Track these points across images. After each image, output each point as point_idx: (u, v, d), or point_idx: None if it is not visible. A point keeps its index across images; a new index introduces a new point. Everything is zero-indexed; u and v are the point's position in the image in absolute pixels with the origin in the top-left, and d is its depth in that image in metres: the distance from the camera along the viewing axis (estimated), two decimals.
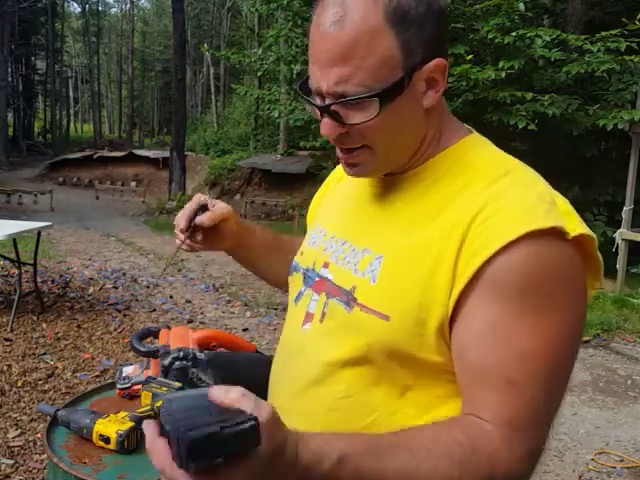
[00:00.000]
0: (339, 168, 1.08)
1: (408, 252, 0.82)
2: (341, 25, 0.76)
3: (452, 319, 0.79)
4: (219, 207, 1.08)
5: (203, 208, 1.08)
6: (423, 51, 0.79)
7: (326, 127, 0.83)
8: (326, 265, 0.94)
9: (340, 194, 1.05)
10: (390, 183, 0.91)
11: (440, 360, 0.81)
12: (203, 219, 1.06)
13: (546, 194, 0.81)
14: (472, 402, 0.77)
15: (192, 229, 1.07)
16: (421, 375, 0.83)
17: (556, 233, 0.76)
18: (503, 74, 7.28)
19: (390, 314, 0.81)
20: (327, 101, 0.81)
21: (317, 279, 0.95)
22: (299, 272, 1.01)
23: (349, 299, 0.86)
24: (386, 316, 0.81)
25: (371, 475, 0.69)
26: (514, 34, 7.35)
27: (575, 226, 0.79)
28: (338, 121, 0.81)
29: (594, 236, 0.81)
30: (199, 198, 1.08)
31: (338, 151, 0.88)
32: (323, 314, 0.91)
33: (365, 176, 0.91)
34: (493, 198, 0.79)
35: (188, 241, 1.07)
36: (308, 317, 0.94)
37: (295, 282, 1.02)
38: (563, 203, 0.82)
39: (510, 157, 0.89)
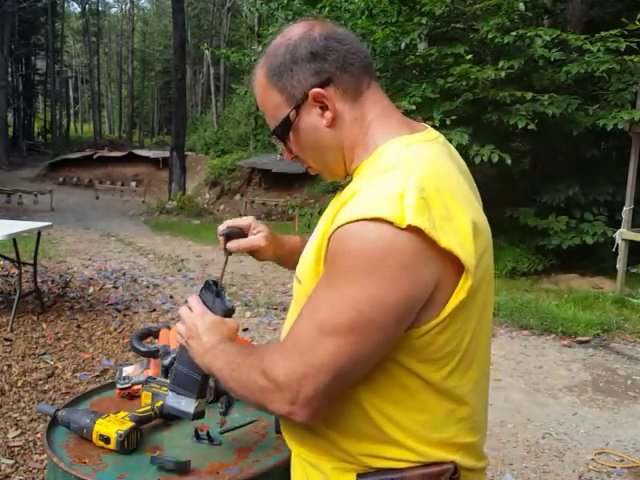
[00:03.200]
0: None
1: (317, 237, 1.01)
2: (255, 88, 1.09)
3: None
4: (251, 240, 1.38)
5: (242, 231, 1.38)
6: (301, 88, 1.02)
7: (285, 154, 1.13)
8: None
9: None
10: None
11: None
12: (232, 246, 1.38)
13: (398, 190, 0.89)
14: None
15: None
16: None
17: (383, 221, 0.86)
18: (503, 74, 7.28)
19: (302, 279, 1.04)
20: None
21: None
22: None
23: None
24: (300, 280, 1.05)
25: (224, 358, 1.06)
26: (514, 34, 7.34)
27: (407, 217, 0.86)
28: (287, 149, 1.11)
29: (427, 227, 0.86)
30: (243, 222, 1.40)
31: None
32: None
33: (328, 181, 1.19)
34: (358, 190, 0.95)
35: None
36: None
37: None
38: (415, 199, 0.88)
39: (412, 159, 0.96)
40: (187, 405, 1.21)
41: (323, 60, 1.03)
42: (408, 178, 0.91)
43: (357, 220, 0.88)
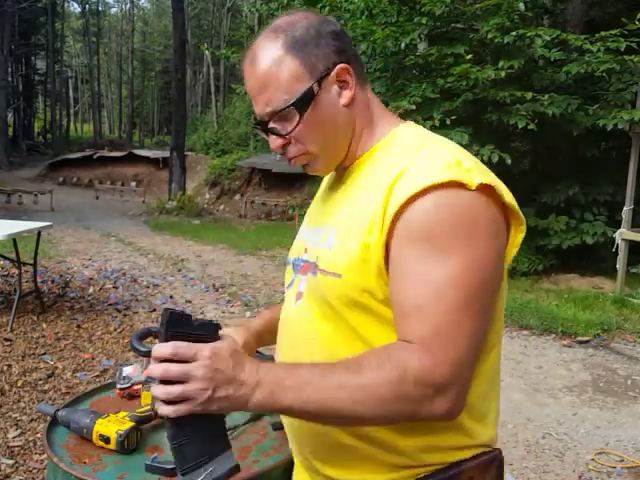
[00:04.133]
0: None
1: (351, 222, 0.98)
2: (254, 64, 1.00)
3: (386, 267, 0.94)
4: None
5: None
6: (324, 63, 1.00)
7: (273, 142, 1.04)
8: (306, 250, 1.11)
9: (319, 191, 1.25)
10: (343, 173, 1.10)
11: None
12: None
13: (452, 158, 0.93)
14: (398, 329, 0.92)
15: None
16: (381, 321, 0.96)
17: (455, 185, 0.89)
18: (503, 74, 7.28)
19: (342, 272, 0.96)
20: (267, 124, 1.03)
21: (302, 264, 1.11)
22: (289, 264, 1.18)
23: (314, 268, 1.03)
24: (339, 275, 0.97)
25: (308, 382, 0.86)
26: (514, 34, 7.34)
27: (474, 178, 0.89)
28: (278, 135, 1.03)
29: (495, 184, 0.91)
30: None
31: (286, 161, 1.08)
32: (307, 289, 1.06)
33: (318, 173, 1.11)
34: (409, 165, 0.94)
35: None
36: (298, 295, 1.09)
37: (288, 274, 1.18)
38: (471, 163, 0.93)
39: (437, 137, 1.03)
40: (224, 464, 0.87)
41: (342, 41, 1.04)
42: (453, 150, 0.97)
43: (426, 190, 0.88)
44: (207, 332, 0.86)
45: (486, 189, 0.90)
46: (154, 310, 5.95)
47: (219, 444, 0.87)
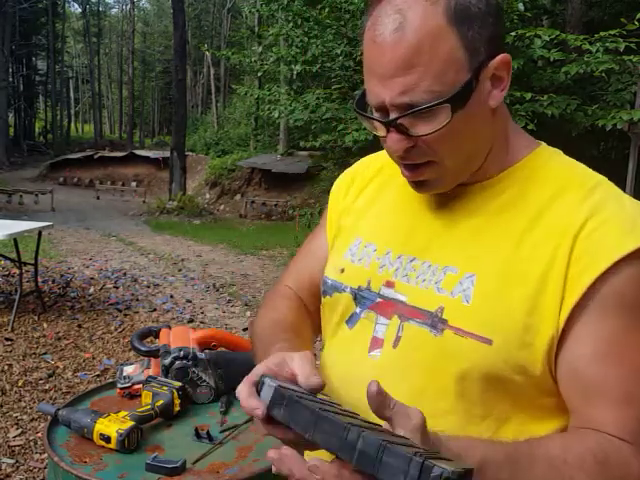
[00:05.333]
0: (354, 172, 1.05)
1: (506, 270, 0.77)
2: (401, 32, 0.72)
3: (561, 338, 0.75)
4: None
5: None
6: (486, 48, 0.75)
7: (394, 142, 0.78)
8: (390, 285, 0.87)
9: (382, 204, 0.96)
10: (455, 194, 0.86)
11: (542, 385, 0.77)
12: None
13: (638, 207, 0.81)
14: (590, 419, 0.75)
15: None
16: (518, 404, 0.79)
17: None
18: None
19: (492, 337, 0.75)
20: (392, 115, 0.76)
21: (380, 300, 0.87)
22: (344, 292, 0.91)
23: (436, 321, 0.79)
24: (488, 340, 0.75)
25: None
26: (513, 34, 7.34)
27: None
28: (405, 134, 0.77)
29: None
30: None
31: (402, 169, 0.83)
32: (397, 339, 0.83)
33: (432, 192, 0.86)
34: (594, 211, 0.77)
35: None
36: (376, 343, 0.85)
37: (339, 303, 0.92)
38: None
39: (586, 167, 0.87)
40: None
41: (503, 22, 0.82)
42: (624, 193, 0.85)
43: (633, 253, 0.73)
44: None
45: None
46: (155, 310, 5.96)
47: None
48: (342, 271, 0.93)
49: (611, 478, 0.71)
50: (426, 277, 0.83)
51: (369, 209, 0.97)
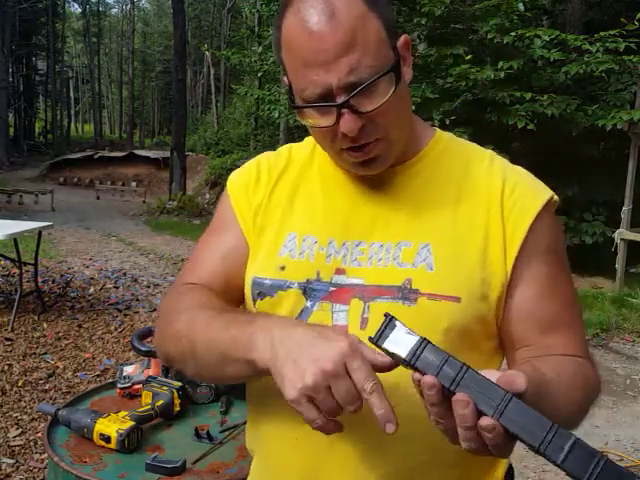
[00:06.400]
0: (257, 169, 1.01)
1: (454, 235, 0.86)
2: (335, 17, 0.77)
3: (509, 285, 0.87)
4: None
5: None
6: (394, 29, 0.84)
7: (349, 123, 0.80)
8: (341, 271, 0.88)
9: (306, 196, 0.96)
10: (381, 176, 0.90)
11: (489, 330, 0.89)
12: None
13: (525, 170, 0.96)
14: (549, 346, 0.87)
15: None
16: (474, 350, 0.87)
17: (552, 199, 0.92)
18: (502, 74, 7.29)
19: (460, 295, 0.83)
20: (340, 98, 0.79)
21: (333, 289, 0.88)
22: (291, 288, 0.90)
23: (406, 293, 0.84)
24: (457, 298, 0.83)
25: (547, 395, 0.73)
26: (513, 34, 7.35)
27: (552, 192, 0.94)
28: (357, 113, 0.80)
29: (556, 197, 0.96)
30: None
31: (350, 153, 0.85)
32: (364, 320, 0.85)
33: (378, 170, 0.89)
34: (504, 176, 0.90)
35: None
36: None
37: (284, 302, 0.90)
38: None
39: (475, 144, 1.00)
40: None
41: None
42: (510, 164, 0.97)
43: (545, 207, 0.89)
44: None
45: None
46: (155, 310, 5.96)
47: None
48: (282, 268, 0.92)
49: (590, 388, 0.86)
50: (381, 256, 0.87)
51: (293, 203, 0.97)
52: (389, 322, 0.69)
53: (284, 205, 0.97)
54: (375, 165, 0.87)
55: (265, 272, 0.93)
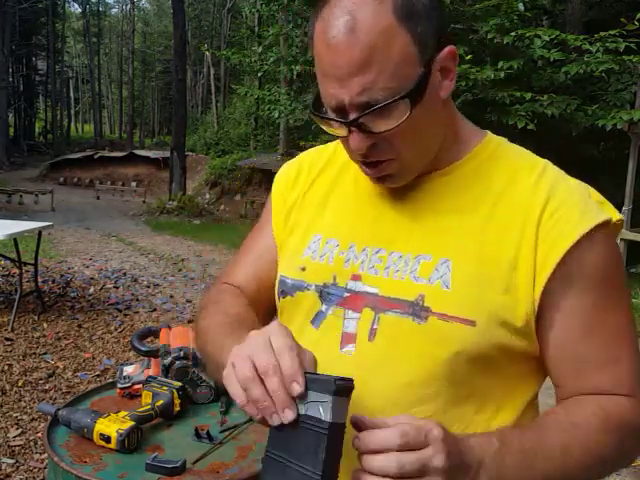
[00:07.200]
0: (299, 165, 1.03)
1: (479, 253, 0.80)
2: (355, 34, 0.74)
3: (538, 315, 0.80)
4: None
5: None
6: (434, 42, 0.78)
7: (356, 141, 0.79)
8: (357, 278, 0.86)
9: (339, 198, 0.95)
10: (414, 184, 0.87)
11: (515, 356, 0.82)
12: None
13: (585, 189, 0.86)
14: (582, 389, 0.82)
15: None
16: (496, 377, 0.83)
17: (606, 223, 0.81)
18: (502, 74, 7.29)
19: (475, 319, 0.78)
20: (352, 115, 0.77)
21: (347, 295, 0.86)
22: (309, 290, 0.89)
23: (417, 310, 0.80)
24: (472, 321, 0.78)
25: (533, 452, 0.72)
26: (513, 34, 7.36)
27: (613, 213, 0.84)
28: (367, 132, 0.78)
29: (622, 217, 0.86)
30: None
31: (364, 167, 0.85)
32: (373, 331, 0.83)
33: (396, 186, 0.87)
34: (551, 192, 0.82)
35: None
36: (348, 338, 0.84)
37: (303, 302, 0.90)
38: (594, 193, 0.86)
39: (530, 152, 0.92)
40: None
41: (444, 14, 0.92)
42: (569, 177, 0.87)
43: (593, 230, 0.79)
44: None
45: (614, 226, 0.84)
46: (155, 310, 5.96)
47: None
48: (303, 269, 0.91)
49: (616, 431, 0.77)
50: (399, 267, 0.83)
51: (326, 204, 0.96)
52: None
53: (316, 205, 0.97)
54: (390, 182, 0.86)
55: (288, 271, 0.93)
